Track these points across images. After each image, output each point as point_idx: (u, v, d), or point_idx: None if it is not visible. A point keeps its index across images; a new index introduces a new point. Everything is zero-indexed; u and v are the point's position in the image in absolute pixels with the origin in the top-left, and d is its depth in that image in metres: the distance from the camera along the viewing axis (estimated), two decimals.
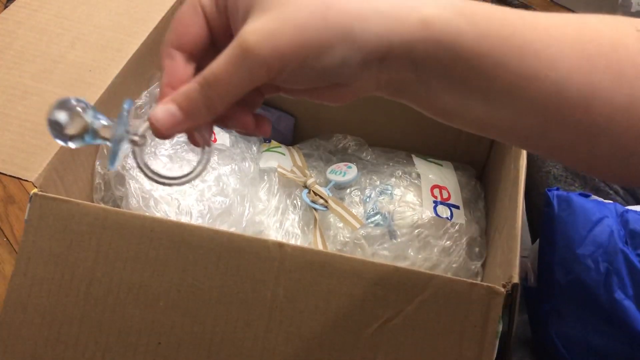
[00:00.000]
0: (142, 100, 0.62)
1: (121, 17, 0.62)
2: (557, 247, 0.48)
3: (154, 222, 0.44)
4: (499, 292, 0.38)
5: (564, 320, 0.48)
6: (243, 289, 0.42)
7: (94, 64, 0.57)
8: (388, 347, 0.39)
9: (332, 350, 0.40)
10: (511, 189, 0.50)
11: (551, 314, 0.48)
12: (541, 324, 0.50)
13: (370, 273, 0.40)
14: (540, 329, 0.50)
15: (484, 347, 0.38)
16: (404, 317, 0.39)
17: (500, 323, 0.38)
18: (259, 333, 0.41)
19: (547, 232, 0.50)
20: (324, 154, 0.72)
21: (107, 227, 0.44)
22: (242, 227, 0.60)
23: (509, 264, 0.40)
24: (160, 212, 0.56)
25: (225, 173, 0.62)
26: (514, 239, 0.42)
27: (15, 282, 0.44)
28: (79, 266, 0.44)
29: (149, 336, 0.42)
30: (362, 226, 0.60)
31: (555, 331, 0.48)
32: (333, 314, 0.40)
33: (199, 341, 0.41)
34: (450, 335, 0.39)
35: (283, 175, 0.66)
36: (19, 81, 0.55)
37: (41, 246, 0.44)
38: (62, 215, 0.45)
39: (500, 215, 0.54)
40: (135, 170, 0.57)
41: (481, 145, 0.71)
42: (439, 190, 0.63)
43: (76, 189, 0.55)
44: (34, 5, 0.62)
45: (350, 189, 0.66)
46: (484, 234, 0.63)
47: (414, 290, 0.40)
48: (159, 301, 0.42)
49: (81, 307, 0.43)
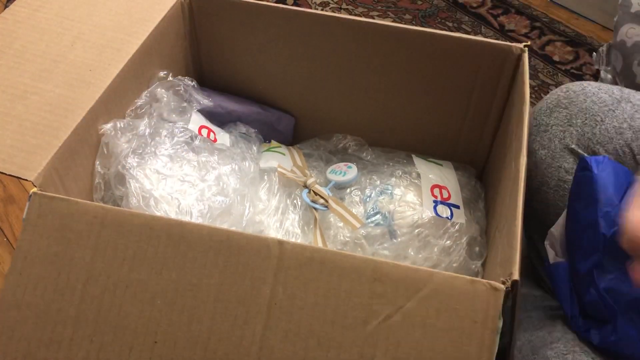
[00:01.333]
0: (142, 100, 0.62)
1: (121, 17, 0.62)
2: (600, 203, 0.50)
3: (153, 220, 0.44)
4: (499, 289, 0.38)
5: (610, 273, 0.49)
6: (242, 286, 0.41)
7: (94, 64, 0.57)
8: (388, 344, 0.39)
9: (331, 347, 0.39)
10: (511, 187, 0.49)
11: (597, 267, 0.50)
12: (584, 285, 0.51)
13: (370, 270, 0.40)
14: (584, 289, 0.51)
15: (485, 344, 0.38)
16: (403, 314, 0.39)
17: (501, 319, 0.38)
18: (257, 331, 0.40)
19: (587, 193, 0.52)
20: (324, 154, 0.72)
21: (105, 226, 0.44)
22: (242, 226, 0.60)
23: (509, 261, 0.40)
24: (161, 211, 0.56)
25: (225, 173, 0.62)
26: (514, 236, 0.42)
27: (10, 281, 0.44)
28: (76, 265, 0.43)
29: (145, 335, 0.42)
30: (363, 226, 0.60)
31: (603, 285, 0.49)
32: (332, 311, 0.40)
33: (196, 339, 0.41)
34: (450, 332, 0.38)
35: (283, 175, 0.66)
36: (19, 81, 0.55)
37: (38, 245, 0.44)
38: (60, 213, 0.45)
39: (501, 214, 0.54)
40: (136, 169, 0.57)
41: (481, 145, 0.70)
42: (439, 190, 0.63)
43: (76, 189, 0.54)
44: (34, 5, 0.62)
45: (350, 189, 0.65)
46: (484, 233, 0.63)
47: (414, 287, 0.39)
48: (156, 299, 0.42)
49: (76, 305, 0.43)
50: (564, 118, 0.59)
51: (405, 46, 0.64)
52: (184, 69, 0.71)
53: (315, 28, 0.66)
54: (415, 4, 1.41)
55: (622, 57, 0.88)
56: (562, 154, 0.59)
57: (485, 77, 0.64)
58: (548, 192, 0.59)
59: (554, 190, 0.59)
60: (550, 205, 0.59)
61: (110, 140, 0.57)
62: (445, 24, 1.35)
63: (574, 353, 0.49)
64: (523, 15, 1.38)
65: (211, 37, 0.71)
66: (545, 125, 0.60)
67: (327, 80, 0.70)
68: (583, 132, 0.58)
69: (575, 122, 0.58)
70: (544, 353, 0.50)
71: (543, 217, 0.61)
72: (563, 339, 0.51)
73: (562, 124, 0.59)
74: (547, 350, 0.50)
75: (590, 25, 1.35)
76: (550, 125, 0.60)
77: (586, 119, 0.58)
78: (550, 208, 0.60)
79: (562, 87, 0.62)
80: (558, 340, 0.51)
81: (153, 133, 0.61)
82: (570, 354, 0.49)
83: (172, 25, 0.66)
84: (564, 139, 0.58)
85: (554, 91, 0.63)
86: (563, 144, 0.58)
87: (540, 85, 1.20)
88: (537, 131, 0.61)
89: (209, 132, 0.65)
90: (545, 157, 0.60)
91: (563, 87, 0.62)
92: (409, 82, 0.67)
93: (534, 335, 0.54)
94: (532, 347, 0.52)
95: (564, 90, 0.61)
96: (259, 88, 0.74)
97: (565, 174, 0.58)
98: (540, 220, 0.61)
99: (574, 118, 0.59)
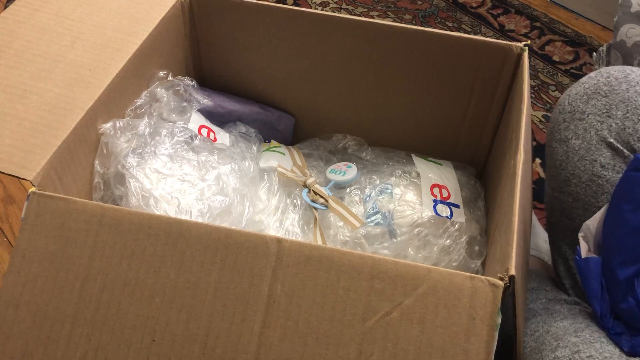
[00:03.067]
0: (141, 100, 0.62)
1: (121, 17, 0.62)
2: None
3: (151, 219, 0.44)
4: (497, 285, 0.38)
5: None
6: (240, 284, 0.41)
7: (94, 64, 0.57)
8: (386, 341, 0.39)
9: (329, 344, 0.39)
10: (509, 184, 0.49)
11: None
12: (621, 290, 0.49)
13: (368, 267, 0.40)
14: (620, 295, 0.49)
15: (484, 340, 0.38)
16: (402, 310, 0.39)
17: (499, 315, 0.38)
18: (255, 329, 0.40)
19: (638, 196, 0.48)
20: (324, 154, 0.72)
21: (104, 224, 0.44)
22: (242, 226, 0.60)
23: (506, 256, 0.40)
24: (160, 211, 0.56)
25: (225, 172, 0.62)
26: (511, 232, 0.42)
27: (8, 280, 0.44)
28: (74, 263, 0.43)
29: (143, 333, 0.42)
30: (362, 225, 0.60)
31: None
32: (331, 308, 0.40)
33: (194, 337, 0.41)
34: (449, 328, 0.38)
35: (283, 174, 0.66)
36: (19, 80, 0.55)
37: (36, 244, 0.44)
38: (59, 213, 0.45)
39: (500, 212, 0.53)
40: (135, 169, 0.57)
41: (481, 145, 0.70)
42: (439, 189, 0.63)
43: (75, 188, 0.54)
44: (34, 5, 0.62)
45: (350, 188, 0.65)
46: (484, 232, 0.63)
47: (413, 284, 0.39)
48: (154, 297, 0.42)
49: (75, 304, 0.43)
50: (602, 107, 0.54)
51: (405, 46, 0.64)
52: (184, 69, 0.71)
53: (315, 28, 0.66)
54: (415, 4, 1.41)
55: (622, 57, 0.88)
56: (598, 147, 0.54)
57: (485, 76, 0.64)
58: (579, 186, 0.55)
59: (586, 185, 0.55)
60: (580, 200, 0.55)
61: (109, 139, 0.57)
62: (445, 24, 1.35)
63: (601, 342, 0.47)
64: (523, 15, 1.38)
65: (211, 37, 0.71)
66: (582, 112, 0.55)
67: (327, 80, 0.70)
68: (624, 125, 0.53)
69: (616, 113, 0.53)
70: (568, 339, 0.48)
71: (569, 210, 0.57)
72: (588, 330, 0.49)
73: (601, 114, 0.54)
74: (572, 338, 0.47)
75: (590, 25, 1.35)
76: (586, 114, 0.55)
77: (628, 112, 0.53)
78: (580, 202, 0.56)
79: (602, 72, 0.56)
80: (583, 330, 0.49)
81: (153, 133, 0.61)
82: (597, 342, 0.47)
83: (172, 25, 0.66)
84: (601, 130, 0.54)
85: (593, 75, 0.57)
86: (600, 136, 0.54)
87: (540, 85, 1.20)
88: (572, 118, 0.56)
89: (208, 131, 0.65)
90: (579, 148, 0.55)
91: (603, 71, 0.56)
92: (409, 82, 0.67)
93: (553, 325, 0.52)
94: (554, 336, 0.50)
95: (604, 75, 0.56)
96: (259, 88, 0.74)
97: (600, 169, 0.53)
98: (566, 213, 0.58)
99: (614, 109, 0.54)
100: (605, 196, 0.54)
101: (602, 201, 0.54)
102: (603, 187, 0.54)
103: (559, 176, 0.57)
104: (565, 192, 0.57)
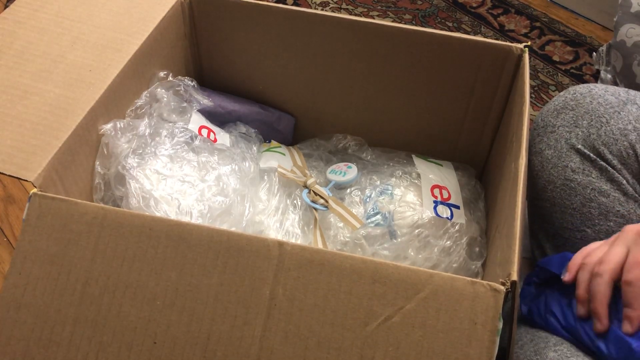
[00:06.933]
0: (142, 100, 0.62)
1: (121, 17, 0.62)
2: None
3: (152, 221, 0.44)
4: (499, 290, 0.38)
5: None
6: (241, 287, 0.41)
7: (94, 64, 0.57)
8: (387, 345, 0.39)
9: (330, 348, 0.39)
10: (511, 187, 0.49)
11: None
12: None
13: (370, 271, 0.40)
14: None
15: (485, 344, 0.38)
16: (403, 315, 0.39)
17: (501, 320, 0.38)
18: (257, 332, 0.40)
19: None
20: (324, 154, 0.72)
21: (105, 226, 0.44)
22: (242, 227, 0.60)
23: (508, 261, 0.40)
24: (161, 212, 0.56)
25: (225, 173, 0.62)
26: (513, 237, 0.42)
27: (10, 281, 0.44)
28: (76, 265, 0.43)
29: (145, 335, 0.42)
30: (363, 226, 0.60)
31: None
32: (332, 312, 0.40)
33: (195, 340, 0.41)
34: (450, 333, 0.38)
35: (283, 175, 0.66)
36: (19, 81, 0.55)
37: (38, 245, 0.44)
38: (60, 214, 0.45)
39: (501, 214, 0.53)
40: (136, 169, 0.57)
41: (481, 145, 0.70)
42: (439, 190, 0.63)
43: (76, 189, 0.54)
44: (34, 5, 0.62)
45: (350, 189, 0.65)
46: (484, 233, 0.63)
47: (414, 288, 0.39)
48: (155, 300, 0.42)
49: (76, 306, 0.43)
50: (570, 119, 0.60)
51: (405, 46, 0.64)
52: (184, 69, 0.71)
53: (315, 28, 0.65)
54: (415, 4, 1.41)
55: (622, 57, 0.88)
56: (569, 154, 0.59)
57: (486, 77, 0.64)
58: (554, 191, 0.60)
59: (560, 189, 0.60)
60: (557, 204, 0.60)
61: (110, 140, 0.57)
62: (445, 24, 1.35)
63: (578, 357, 0.49)
64: (523, 15, 1.38)
65: (211, 37, 0.71)
66: (552, 126, 0.61)
67: (327, 80, 0.70)
68: (589, 132, 0.59)
69: (582, 123, 0.59)
70: (546, 354, 0.50)
71: (549, 216, 0.61)
72: (566, 343, 0.51)
73: (569, 125, 0.60)
74: (550, 352, 0.50)
75: (590, 25, 1.35)
76: (556, 126, 0.61)
77: (592, 120, 0.59)
78: (557, 207, 0.60)
79: (570, 90, 0.63)
80: (562, 344, 0.51)
81: (153, 133, 0.60)
82: (574, 357, 0.49)
83: (172, 25, 0.66)
84: (570, 139, 0.59)
85: (562, 93, 0.64)
86: (569, 144, 0.59)
87: (540, 85, 1.20)
88: (544, 132, 0.62)
89: (209, 132, 0.65)
90: (552, 157, 0.60)
91: (570, 89, 0.63)
92: (409, 82, 0.67)
93: (536, 335, 0.54)
94: (535, 349, 0.52)
95: (571, 92, 0.62)
96: (259, 88, 0.74)
97: (571, 173, 0.59)
98: (546, 219, 0.62)
99: (580, 119, 0.60)
100: (578, 198, 0.59)
101: (576, 203, 0.59)
102: (575, 190, 0.59)
103: (537, 185, 0.62)
104: (543, 199, 0.62)
